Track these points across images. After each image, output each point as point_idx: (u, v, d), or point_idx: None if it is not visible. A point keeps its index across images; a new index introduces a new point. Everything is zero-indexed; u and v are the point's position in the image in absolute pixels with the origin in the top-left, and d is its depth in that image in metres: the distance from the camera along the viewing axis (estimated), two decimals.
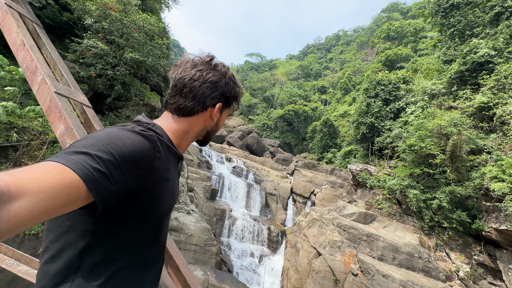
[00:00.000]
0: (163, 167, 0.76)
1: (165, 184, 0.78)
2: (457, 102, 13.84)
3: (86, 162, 0.55)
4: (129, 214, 0.71)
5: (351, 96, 41.66)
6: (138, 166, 0.66)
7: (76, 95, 1.17)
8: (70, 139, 0.92)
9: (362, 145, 20.17)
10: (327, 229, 12.67)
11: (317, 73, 65.37)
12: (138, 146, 0.67)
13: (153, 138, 0.75)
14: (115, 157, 0.60)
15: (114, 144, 0.62)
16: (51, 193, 0.48)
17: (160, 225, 0.83)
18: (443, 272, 10.28)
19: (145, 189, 0.70)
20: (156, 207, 0.76)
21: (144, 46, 8.94)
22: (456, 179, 11.35)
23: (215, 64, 0.93)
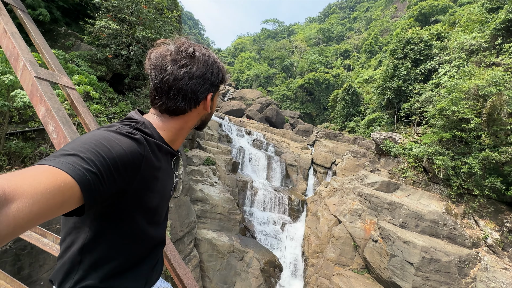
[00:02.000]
0: (151, 166, 0.77)
1: (153, 183, 0.79)
2: (501, 58, 12.20)
3: (77, 164, 0.55)
4: (120, 212, 0.74)
5: (377, 59, 38.43)
6: (126, 168, 0.66)
7: (59, 78, 1.23)
8: (50, 120, 1.00)
9: (387, 112, 19.04)
10: (347, 198, 12.73)
11: (339, 36, 60.46)
12: (126, 147, 0.68)
13: (140, 139, 0.74)
14: (104, 159, 0.60)
15: (102, 145, 0.63)
16: (46, 194, 0.48)
17: (152, 221, 0.85)
18: (470, 239, 10.05)
19: (133, 189, 0.72)
20: (143, 204, 0.78)
21: (155, 22, 8.82)
22: (492, 144, 10.48)
23: (193, 52, 0.86)
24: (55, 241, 1.28)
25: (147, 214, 0.81)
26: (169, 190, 0.92)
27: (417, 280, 8.80)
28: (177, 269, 1.13)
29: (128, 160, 0.67)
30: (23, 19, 1.34)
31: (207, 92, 0.89)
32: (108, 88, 8.55)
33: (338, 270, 10.65)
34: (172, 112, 0.88)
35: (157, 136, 0.85)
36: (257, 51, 67.88)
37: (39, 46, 1.25)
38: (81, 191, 0.54)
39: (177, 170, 0.97)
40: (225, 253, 11.10)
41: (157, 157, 0.81)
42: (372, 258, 10.13)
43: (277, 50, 57.73)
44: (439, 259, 8.96)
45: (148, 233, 0.85)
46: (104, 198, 0.62)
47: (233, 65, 60.67)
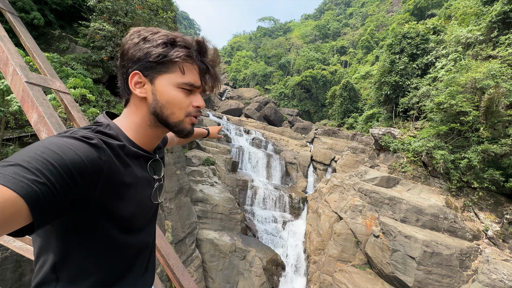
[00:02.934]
0: (116, 172, 0.68)
1: (122, 190, 0.71)
2: (497, 50, 12.20)
3: (19, 175, 0.47)
4: (86, 224, 0.66)
5: (373, 55, 38.40)
6: (83, 176, 0.58)
7: (52, 82, 1.19)
8: (43, 127, 0.96)
9: (385, 108, 19.05)
10: (348, 194, 12.75)
11: (335, 32, 60.36)
12: (81, 153, 0.59)
13: (98, 144, 0.65)
14: (55, 166, 0.52)
15: (51, 152, 0.54)
16: None
17: (128, 229, 0.76)
18: (470, 231, 10.10)
19: (96, 198, 0.63)
20: (114, 213, 0.70)
21: (150, 23, 8.75)
22: (490, 136, 10.51)
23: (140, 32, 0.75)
24: None
25: (119, 223, 0.72)
26: (147, 195, 0.82)
27: (419, 274, 8.85)
28: (180, 279, 1.10)
29: (85, 167, 0.58)
30: (13, 22, 1.30)
31: (130, 70, 0.74)
32: (105, 90, 8.48)
33: (340, 266, 10.68)
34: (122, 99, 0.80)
35: (123, 138, 0.76)
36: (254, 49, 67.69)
37: (30, 50, 1.21)
38: (28, 205, 0.46)
39: (156, 174, 0.86)
40: (227, 253, 11.11)
41: (124, 162, 0.72)
42: (374, 253, 10.16)
43: (274, 48, 57.59)
44: (440, 252, 9.00)
45: (127, 242, 0.76)
46: (59, 210, 0.54)
47: (230, 64, 60.50)
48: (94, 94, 7.39)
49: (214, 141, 18.50)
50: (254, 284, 10.54)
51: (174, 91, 0.75)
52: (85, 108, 6.65)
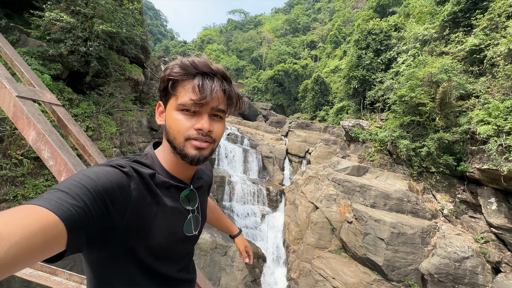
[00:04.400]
0: (144, 200, 0.70)
1: (150, 219, 0.71)
2: (449, 47, 13.49)
3: (61, 199, 0.51)
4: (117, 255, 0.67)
5: (341, 50, 40.04)
6: (113, 201, 0.61)
7: (42, 94, 1.08)
8: (44, 145, 0.88)
9: (354, 100, 20.10)
10: (323, 185, 13.36)
11: (305, 27, 61.57)
12: (113, 179, 0.62)
13: (129, 172, 0.68)
14: (89, 191, 0.56)
15: (88, 178, 0.58)
16: (26, 234, 0.43)
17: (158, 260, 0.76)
18: (429, 211, 11.25)
19: (125, 225, 0.64)
20: (141, 243, 0.70)
21: (115, 14, 8.13)
22: (444, 125, 11.68)
23: None
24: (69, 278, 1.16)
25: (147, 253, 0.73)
26: (179, 226, 0.81)
27: (387, 254, 9.67)
28: None
29: (114, 192, 0.61)
30: None
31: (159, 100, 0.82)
32: (66, 88, 7.76)
33: (318, 253, 11.25)
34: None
35: (158, 167, 0.78)
36: (225, 43, 66.44)
37: (9, 57, 1.05)
38: (66, 227, 0.49)
39: (189, 204, 0.85)
40: (208, 250, 11.05)
41: (152, 191, 0.73)
42: (347, 238, 10.85)
43: (245, 42, 57.13)
44: (405, 232, 9.92)
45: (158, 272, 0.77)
46: (92, 235, 0.57)
47: None
48: (54, 92, 6.75)
49: None
50: (236, 279, 10.67)
51: (175, 114, 0.74)
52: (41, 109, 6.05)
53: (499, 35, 11.26)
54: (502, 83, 10.49)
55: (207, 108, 0.74)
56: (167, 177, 0.78)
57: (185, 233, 0.82)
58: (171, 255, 0.81)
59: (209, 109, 0.75)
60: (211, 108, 0.75)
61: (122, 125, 9.33)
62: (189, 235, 0.84)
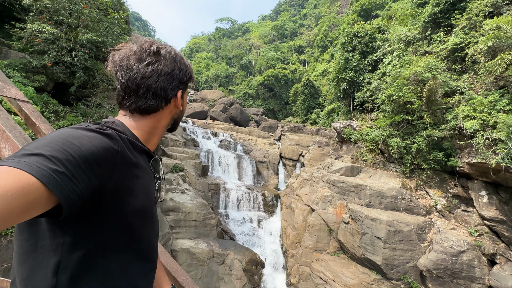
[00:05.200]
0: (128, 163, 0.72)
1: (133, 181, 0.74)
2: (432, 47, 13.93)
3: (41, 164, 0.50)
4: (98, 217, 0.66)
5: (329, 53, 40.86)
6: (100, 164, 0.61)
7: (6, 90, 1.00)
8: (5, 143, 0.80)
9: (344, 102, 20.41)
10: (317, 187, 13.35)
11: (292, 33, 62.72)
12: (97, 143, 0.63)
13: (113, 134, 0.70)
14: (73, 157, 0.55)
15: (70, 143, 0.57)
16: (8, 196, 0.44)
17: (138, 223, 0.77)
18: (424, 208, 11.36)
19: (111, 188, 0.66)
20: (126, 205, 0.71)
21: (100, 24, 8.03)
22: (432, 122, 11.94)
23: (157, 49, 0.86)
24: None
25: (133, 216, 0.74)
26: (153, 191, 0.85)
27: (386, 252, 9.66)
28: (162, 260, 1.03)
29: (100, 156, 0.62)
30: None
31: (176, 89, 0.90)
32: (51, 100, 7.55)
33: (317, 256, 11.14)
34: (144, 111, 0.86)
35: (130, 134, 0.81)
36: (214, 50, 66.85)
37: None
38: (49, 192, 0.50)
39: (157, 172, 0.90)
40: (205, 260, 10.78)
41: (133, 154, 0.77)
42: (345, 239, 10.81)
43: (234, 49, 57.61)
44: (401, 230, 9.96)
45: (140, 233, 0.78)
46: (81, 200, 0.56)
47: None
48: (38, 105, 6.55)
49: (180, 146, 17.82)
50: (235, 287, 10.42)
51: (186, 100, 0.99)
52: None
53: (478, 33, 11.71)
54: (484, 79, 10.85)
55: None
56: (140, 143, 0.83)
57: (156, 198, 0.87)
58: (152, 221, 0.84)
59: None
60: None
61: None
62: (158, 201, 0.89)
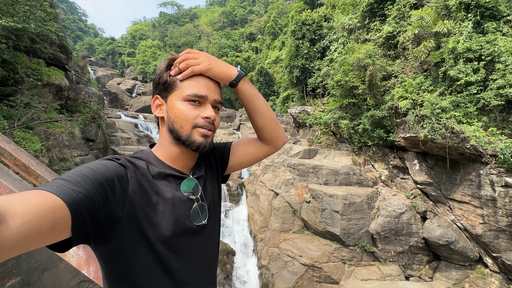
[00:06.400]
0: (143, 191, 0.71)
1: (151, 207, 0.72)
2: (370, 35, 15.32)
3: (65, 186, 0.54)
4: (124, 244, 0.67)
5: (280, 41, 41.63)
6: (113, 189, 0.63)
7: None
8: None
9: (297, 88, 21.30)
10: (279, 171, 13.96)
11: (242, 19, 61.74)
12: (111, 168, 0.66)
13: (123, 162, 0.72)
14: (90, 179, 0.59)
15: (88, 168, 0.62)
16: (37, 213, 0.46)
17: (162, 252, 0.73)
18: (371, 180, 12.89)
19: (126, 214, 0.66)
20: (144, 233, 0.70)
21: (16, 6, 6.67)
22: (374, 104, 13.38)
23: None
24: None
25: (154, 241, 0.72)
26: (185, 216, 0.80)
27: (343, 223, 10.79)
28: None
29: (113, 180, 0.64)
30: None
31: (153, 94, 0.89)
32: None
33: (284, 236, 11.84)
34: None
35: (153, 159, 0.82)
36: (160, 38, 61.96)
37: None
38: (70, 211, 0.52)
39: (192, 194, 0.84)
40: None
41: (149, 181, 0.75)
42: (308, 217, 11.68)
43: (183, 36, 54.34)
44: (354, 201, 11.18)
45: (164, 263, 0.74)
46: (96, 222, 0.59)
47: (134, 56, 53.67)
48: None
49: (134, 144, 16.50)
50: None
51: (181, 105, 0.81)
52: None
53: (406, 23, 13.29)
54: (412, 64, 12.49)
55: (210, 100, 0.84)
56: (163, 167, 0.81)
57: (193, 222, 0.82)
58: (185, 248, 0.79)
59: (212, 101, 0.85)
60: (213, 99, 0.85)
61: (48, 139, 7.93)
62: (198, 224, 0.83)
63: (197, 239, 0.83)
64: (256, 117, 1.01)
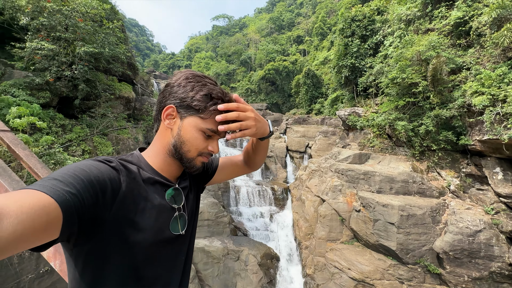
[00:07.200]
0: (132, 194, 0.72)
1: (136, 214, 0.72)
2: (434, 23, 13.45)
3: (58, 186, 0.55)
4: (103, 247, 0.67)
5: (328, 41, 40.05)
6: (104, 191, 0.64)
7: None
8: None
9: (347, 89, 20.07)
10: (326, 177, 13.30)
11: (290, 23, 61.70)
12: (103, 170, 0.67)
13: (117, 166, 0.73)
14: (82, 180, 0.60)
15: (80, 169, 0.62)
16: (32, 213, 0.47)
17: (141, 259, 0.73)
18: (436, 189, 11.16)
19: (111, 218, 0.66)
20: (126, 238, 0.69)
21: (96, 35, 8.14)
22: (439, 102, 11.61)
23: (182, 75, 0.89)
24: None
25: (136, 250, 0.72)
26: (165, 224, 0.81)
27: (400, 237, 9.59)
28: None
29: (105, 183, 0.65)
30: None
31: (168, 102, 0.84)
32: (57, 114, 7.78)
33: (330, 245, 11.17)
34: (154, 124, 0.91)
35: (143, 164, 0.83)
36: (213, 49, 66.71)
37: None
38: (62, 211, 0.53)
39: (175, 203, 0.85)
40: (220, 257, 10.99)
41: (140, 185, 0.76)
42: (358, 227, 10.78)
43: (232, 46, 57.30)
44: (414, 213, 9.83)
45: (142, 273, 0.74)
46: (83, 222, 0.59)
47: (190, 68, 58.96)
48: (45, 121, 6.75)
49: None
50: (252, 282, 10.60)
51: (196, 133, 0.84)
52: (37, 137, 6.04)
53: (481, 4, 11.22)
54: (491, 52, 10.43)
55: (219, 137, 0.90)
56: (152, 173, 0.82)
57: (171, 231, 0.82)
58: (160, 256, 0.79)
59: (220, 137, 0.91)
60: (221, 136, 0.90)
61: (118, 144, 9.33)
62: (176, 234, 0.84)
63: (171, 248, 0.83)
64: (258, 156, 1.23)
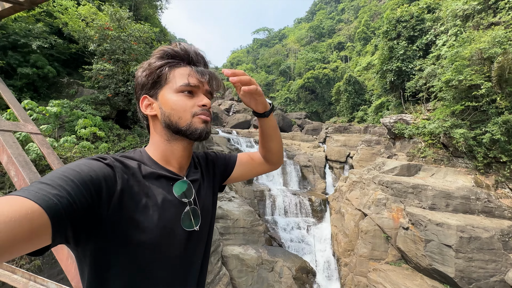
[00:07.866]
0: (132, 191, 0.68)
1: (139, 210, 0.67)
2: (499, 16, 11.72)
3: (44, 190, 0.50)
4: (106, 246, 0.64)
5: (372, 45, 37.92)
6: (98, 190, 0.60)
7: (24, 126, 1.33)
8: (11, 166, 1.08)
9: (393, 95, 18.57)
10: (369, 189, 12.32)
11: (330, 30, 60.45)
12: (96, 168, 0.62)
13: (110, 162, 0.67)
14: (73, 181, 0.55)
15: (71, 170, 0.58)
16: (11, 223, 0.43)
17: (146, 258, 0.68)
18: (508, 209, 9.37)
19: (109, 217, 0.62)
20: (128, 238, 0.65)
21: (147, 56, 9.27)
22: (509, 105, 9.91)
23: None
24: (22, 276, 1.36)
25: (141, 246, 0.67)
26: (175, 220, 0.75)
27: (459, 263, 8.24)
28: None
29: (98, 181, 0.60)
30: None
31: (138, 96, 0.83)
32: (114, 125, 8.96)
33: (374, 265, 10.18)
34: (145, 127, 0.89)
35: (146, 159, 0.79)
36: (253, 61, 69.08)
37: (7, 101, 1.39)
38: (49, 218, 0.48)
39: (187, 197, 0.79)
40: (254, 266, 10.94)
41: (139, 181, 0.71)
42: (406, 247, 9.64)
43: (272, 57, 58.46)
44: (478, 236, 8.38)
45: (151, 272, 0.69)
46: (78, 225, 0.56)
47: None
48: (104, 131, 7.83)
49: None
50: None
51: (175, 97, 0.78)
52: (97, 145, 7.05)
53: None
54: None
55: (202, 89, 0.83)
56: (156, 168, 0.77)
57: (184, 228, 0.76)
58: (171, 255, 0.73)
59: (204, 90, 0.84)
60: (205, 90, 0.84)
61: None
62: (189, 231, 0.78)
63: (185, 246, 0.77)
64: (271, 143, 1.10)
